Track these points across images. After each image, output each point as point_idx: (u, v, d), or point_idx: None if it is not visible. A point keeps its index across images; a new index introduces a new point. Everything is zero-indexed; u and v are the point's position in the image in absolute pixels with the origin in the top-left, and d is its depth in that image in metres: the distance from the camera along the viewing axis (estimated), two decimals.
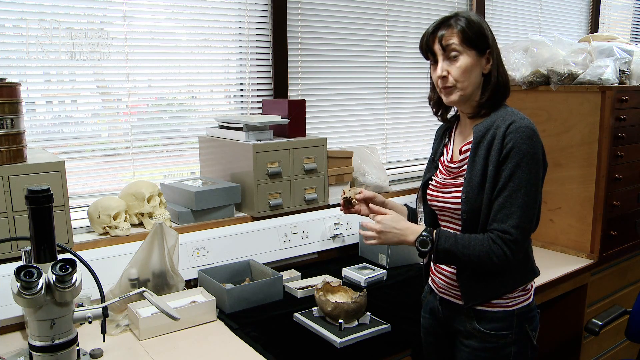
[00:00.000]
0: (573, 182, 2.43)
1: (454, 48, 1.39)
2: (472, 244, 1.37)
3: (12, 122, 1.70)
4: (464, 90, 1.41)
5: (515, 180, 1.35)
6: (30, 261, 1.30)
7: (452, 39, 1.39)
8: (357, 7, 2.88)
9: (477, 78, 1.42)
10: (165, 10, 2.31)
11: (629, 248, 2.57)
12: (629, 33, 4.79)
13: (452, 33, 1.39)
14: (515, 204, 1.35)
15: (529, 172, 1.35)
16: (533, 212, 1.39)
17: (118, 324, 1.72)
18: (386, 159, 3.17)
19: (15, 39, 2.00)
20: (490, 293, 1.46)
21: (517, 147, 1.35)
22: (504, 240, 1.35)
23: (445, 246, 1.38)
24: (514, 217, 1.35)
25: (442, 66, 1.41)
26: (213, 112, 2.54)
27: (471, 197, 1.41)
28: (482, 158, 1.40)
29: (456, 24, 1.39)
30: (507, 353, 1.47)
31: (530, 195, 1.36)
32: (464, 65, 1.39)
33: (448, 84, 1.42)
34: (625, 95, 2.31)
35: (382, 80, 3.07)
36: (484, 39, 1.40)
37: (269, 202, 2.26)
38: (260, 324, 1.78)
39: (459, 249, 1.38)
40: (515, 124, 1.37)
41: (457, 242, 1.38)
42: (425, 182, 1.60)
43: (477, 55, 1.40)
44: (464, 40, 1.38)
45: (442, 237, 1.39)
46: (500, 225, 1.36)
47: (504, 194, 1.36)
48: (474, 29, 1.39)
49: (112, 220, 1.98)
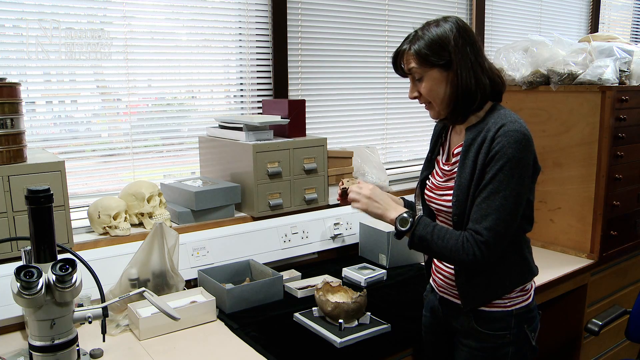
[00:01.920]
0: (573, 182, 2.43)
1: (415, 71, 1.40)
2: (447, 237, 1.37)
3: (12, 122, 1.70)
4: (438, 106, 1.43)
5: (495, 183, 1.34)
6: (30, 261, 1.30)
7: (411, 63, 1.40)
8: (357, 7, 2.88)
9: (446, 93, 1.40)
10: (165, 10, 2.31)
11: (629, 248, 2.57)
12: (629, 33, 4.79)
13: (409, 56, 1.40)
14: (492, 206, 1.34)
15: (511, 175, 1.33)
16: (512, 216, 1.35)
17: (118, 324, 1.72)
18: (386, 159, 3.17)
19: (15, 39, 2.00)
20: (488, 295, 1.46)
21: (502, 150, 1.33)
22: (476, 240, 1.34)
23: (422, 233, 1.39)
24: (489, 219, 1.34)
25: (412, 88, 1.44)
26: (213, 112, 2.54)
27: (461, 200, 1.40)
28: (471, 161, 1.39)
29: (411, 46, 1.38)
30: (505, 353, 1.47)
31: (509, 199, 1.33)
32: (429, 86, 1.40)
33: (422, 102, 1.45)
34: (625, 95, 2.31)
35: (382, 80, 3.07)
36: (443, 52, 1.36)
37: (269, 202, 2.26)
38: (260, 324, 1.78)
39: (433, 238, 1.38)
40: (505, 127, 1.35)
41: (433, 232, 1.39)
42: (422, 180, 1.60)
43: (441, 71, 1.38)
44: (421, 63, 1.38)
45: (421, 224, 1.40)
46: (474, 225, 1.35)
47: (482, 195, 1.35)
48: (431, 47, 1.36)
49: (112, 220, 1.98)
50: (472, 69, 1.37)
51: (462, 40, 1.36)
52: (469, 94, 1.38)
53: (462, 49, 1.36)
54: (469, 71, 1.37)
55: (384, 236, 2.31)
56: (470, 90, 1.37)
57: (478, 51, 1.39)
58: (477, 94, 1.38)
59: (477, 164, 1.37)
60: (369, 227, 2.40)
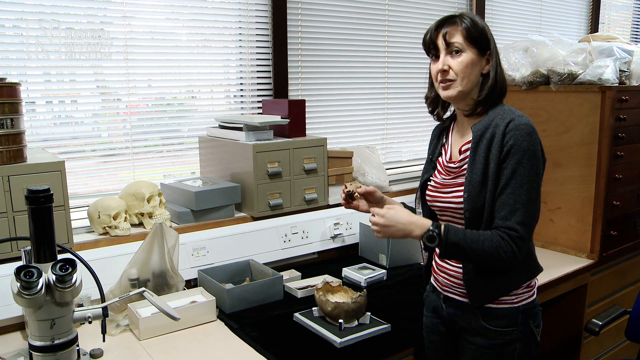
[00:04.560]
0: (573, 182, 2.43)
1: (457, 44, 1.42)
2: (481, 240, 1.37)
3: (12, 122, 1.70)
4: (462, 86, 1.43)
5: (517, 178, 1.36)
6: (30, 261, 1.30)
7: (456, 36, 1.42)
8: (357, 7, 2.88)
9: (476, 76, 1.44)
10: (165, 10, 2.31)
11: (629, 248, 2.57)
12: (629, 33, 4.79)
13: (457, 30, 1.42)
14: (519, 200, 1.36)
15: (530, 168, 1.37)
16: (535, 208, 1.40)
17: (118, 324, 1.72)
18: (386, 159, 3.17)
19: (15, 39, 2.00)
20: (497, 291, 1.46)
21: (517, 144, 1.36)
22: (511, 237, 1.36)
23: (455, 240, 1.37)
24: (519, 213, 1.36)
25: (444, 60, 1.44)
26: (213, 112, 2.54)
27: (473, 195, 1.41)
28: (482, 157, 1.41)
29: (461, 22, 1.43)
30: (513, 349, 1.48)
31: (532, 192, 1.37)
32: (466, 60, 1.42)
33: (448, 77, 1.44)
34: (625, 95, 2.31)
35: (382, 80, 3.07)
36: (486, 40, 1.44)
37: (269, 202, 2.26)
38: (260, 324, 1.78)
39: (467, 243, 1.37)
40: (515, 121, 1.38)
41: (466, 237, 1.38)
42: (424, 182, 1.60)
43: (478, 54, 1.43)
44: (467, 38, 1.42)
45: (451, 231, 1.38)
46: (506, 222, 1.37)
47: (507, 191, 1.37)
48: (477, 29, 1.43)
49: (112, 220, 1.98)
50: (499, 66, 1.47)
51: (493, 39, 1.47)
52: (504, 86, 1.47)
53: (495, 47, 1.47)
54: (498, 66, 1.45)
55: None
56: (497, 82, 1.45)
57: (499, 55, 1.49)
58: (505, 87, 1.48)
59: (489, 160, 1.40)
60: (369, 227, 2.39)
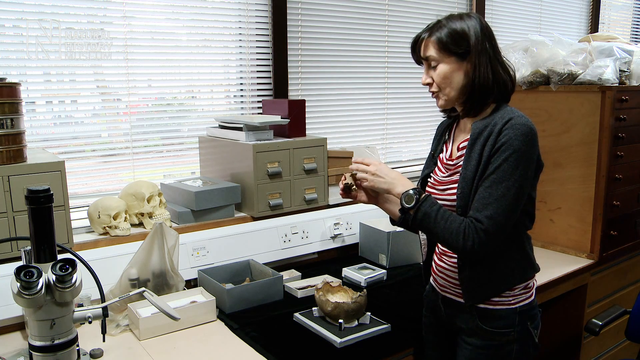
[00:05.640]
0: (573, 182, 2.43)
1: (432, 59, 1.44)
2: (451, 220, 1.38)
3: (12, 122, 1.70)
4: (447, 95, 1.46)
5: (499, 173, 1.35)
6: (30, 261, 1.30)
7: (429, 49, 1.44)
8: (357, 7, 2.88)
9: (459, 82, 1.43)
10: (165, 10, 2.31)
11: (629, 248, 2.57)
12: (629, 33, 4.79)
13: (429, 42, 1.44)
14: (494, 195, 1.35)
15: (515, 167, 1.35)
16: (511, 206, 1.36)
17: (118, 324, 1.72)
18: (386, 159, 3.17)
19: (15, 39, 2.00)
20: (491, 291, 1.46)
21: (509, 142, 1.35)
22: (476, 228, 1.35)
23: (428, 209, 1.39)
24: (490, 207, 1.35)
25: (426, 75, 1.48)
26: (213, 112, 2.54)
27: (465, 192, 1.41)
28: (477, 154, 1.41)
29: (434, 33, 1.43)
30: (509, 350, 1.47)
31: (511, 190, 1.35)
32: (443, 72, 1.43)
33: (432, 90, 1.48)
34: (625, 95, 2.31)
35: (382, 80, 3.07)
36: (464, 43, 1.41)
37: (269, 202, 2.26)
38: (260, 324, 1.78)
39: (437, 218, 1.38)
40: (513, 120, 1.38)
41: (439, 211, 1.39)
42: (424, 178, 1.61)
43: (458, 60, 1.42)
44: (440, 49, 1.42)
45: (428, 200, 1.41)
46: (475, 213, 1.36)
47: (485, 184, 1.37)
48: (452, 36, 1.40)
49: (112, 220, 1.98)
50: (491, 64, 1.42)
51: (482, 35, 1.42)
52: (485, 87, 1.42)
53: (482, 44, 1.41)
54: (487, 65, 1.41)
55: (384, 236, 2.31)
56: (487, 83, 1.42)
57: (497, 49, 1.45)
58: (494, 88, 1.43)
59: (482, 156, 1.39)
60: (369, 227, 2.40)
